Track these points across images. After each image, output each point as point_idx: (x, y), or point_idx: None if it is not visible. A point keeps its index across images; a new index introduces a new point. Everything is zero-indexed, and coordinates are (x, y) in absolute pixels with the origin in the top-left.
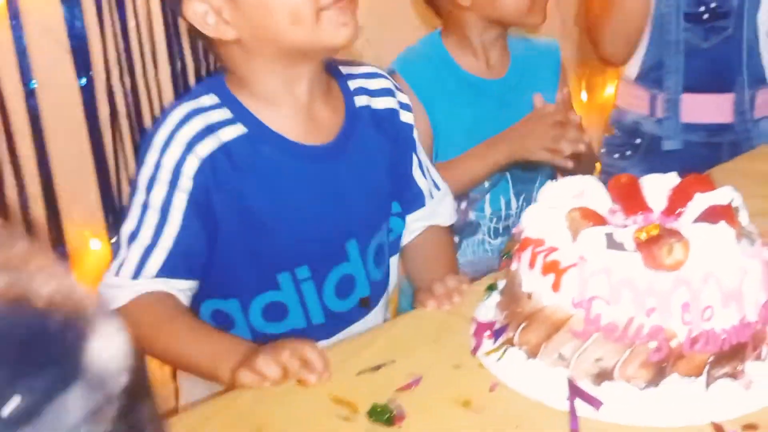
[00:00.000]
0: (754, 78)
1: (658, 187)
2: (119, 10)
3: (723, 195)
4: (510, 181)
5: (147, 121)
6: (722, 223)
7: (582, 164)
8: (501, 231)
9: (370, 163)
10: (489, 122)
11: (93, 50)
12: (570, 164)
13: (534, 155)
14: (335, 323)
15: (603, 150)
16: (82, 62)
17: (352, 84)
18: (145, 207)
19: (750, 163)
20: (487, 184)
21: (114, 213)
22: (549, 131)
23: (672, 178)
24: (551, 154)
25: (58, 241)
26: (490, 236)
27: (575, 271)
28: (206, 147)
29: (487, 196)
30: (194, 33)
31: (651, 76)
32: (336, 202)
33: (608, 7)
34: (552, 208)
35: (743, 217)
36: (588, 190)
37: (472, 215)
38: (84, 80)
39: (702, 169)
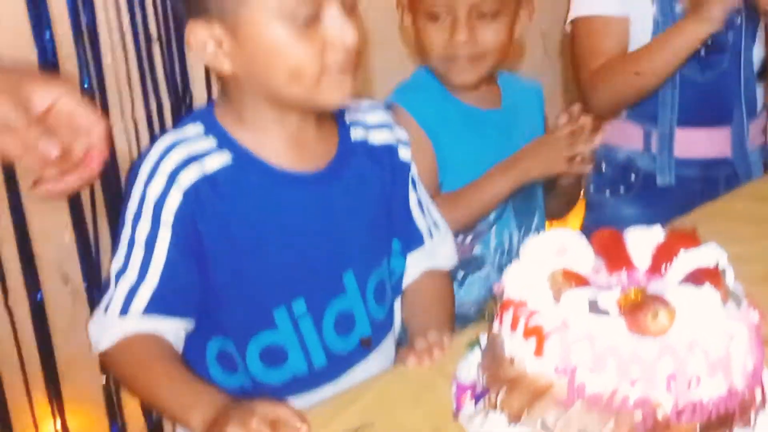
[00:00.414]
0: (750, 110)
1: (642, 242)
2: (93, 46)
3: (708, 255)
4: (513, 213)
5: (121, 158)
6: (707, 286)
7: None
8: (504, 266)
9: (366, 194)
10: (493, 152)
11: None
12: (589, 168)
13: (553, 169)
14: (337, 366)
15: (591, 187)
16: None
17: (348, 117)
18: (131, 243)
19: (732, 203)
20: (492, 217)
21: (88, 255)
22: (565, 142)
23: (656, 233)
24: (570, 164)
25: (32, 284)
26: (495, 270)
27: (558, 337)
28: (189, 178)
29: (493, 229)
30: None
31: (645, 112)
32: (329, 230)
33: (618, 71)
34: (534, 268)
35: (729, 277)
36: (571, 246)
37: (477, 249)
38: None
39: (699, 205)
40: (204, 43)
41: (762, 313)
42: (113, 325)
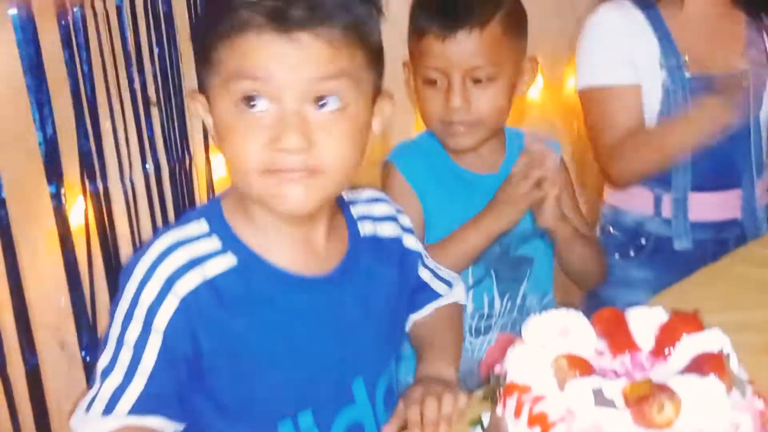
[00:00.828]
0: (759, 171)
1: (644, 322)
2: (91, 114)
3: (712, 340)
4: (494, 280)
5: (119, 227)
6: (712, 377)
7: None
8: (482, 330)
9: (375, 293)
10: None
11: (64, 156)
12: (554, 192)
13: (516, 209)
14: None
15: None
16: (53, 169)
17: (356, 211)
18: (119, 342)
19: (731, 267)
20: (471, 281)
21: (85, 320)
22: (518, 178)
23: (659, 313)
24: (528, 198)
25: (27, 348)
26: (471, 335)
27: (563, 427)
28: (188, 284)
29: (470, 293)
30: None
31: (655, 176)
32: (340, 336)
33: (642, 142)
34: (537, 351)
35: (733, 363)
36: (573, 327)
37: None
38: (54, 188)
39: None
40: (203, 114)
41: (766, 399)
42: (96, 423)
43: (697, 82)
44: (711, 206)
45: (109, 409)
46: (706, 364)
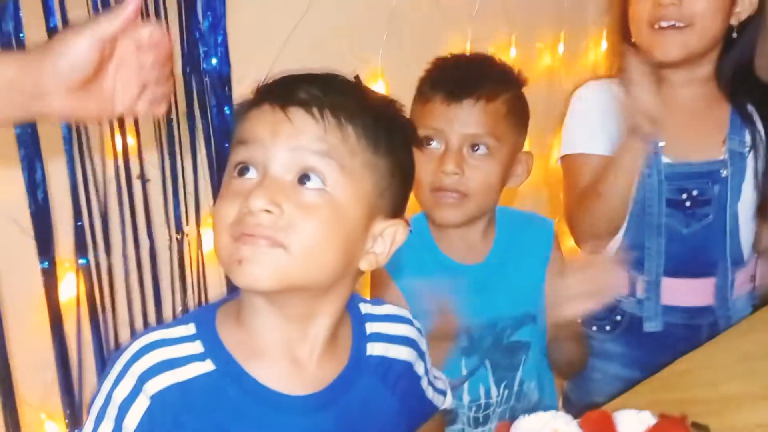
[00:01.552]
0: (734, 261)
1: (632, 427)
2: (85, 185)
3: None
4: (489, 369)
5: (107, 302)
6: None
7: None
8: (481, 420)
9: (368, 421)
10: (465, 307)
11: (57, 231)
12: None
13: None
14: None
15: (578, 319)
16: (44, 245)
17: (370, 327)
18: None
19: (712, 354)
20: (465, 372)
21: (71, 396)
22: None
23: (647, 418)
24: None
25: (12, 424)
26: (470, 426)
27: None
28: (159, 384)
29: (466, 385)
30: None
31: (632, 261)
32: None
33: (585, 205)
34: None
35: None
36: (561, 429)
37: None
38: (46, 263)
39: (681, 348)
40: None
41: None
42: None
43: (674, 168)
44: (683, 292)
45: None
46: None
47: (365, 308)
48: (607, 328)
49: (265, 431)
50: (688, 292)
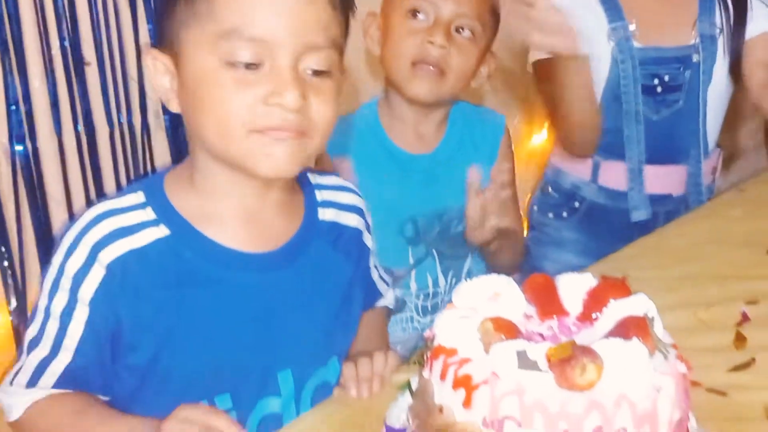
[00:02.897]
0: (706, 148)
1: (574, 288)
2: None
3: (637, 305)
4: (437, 258)
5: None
6: (635, 341)
7: (510, 239)
8: (429, 308)
9: (322, 282)
10: (413, 198)
11: None
12: (490, 238)
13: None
14: None
15: (535, 207)
16: None
17: (320, 195)
18: (47, 314)
19: (663, 240)
20: (411, 261)
21: (15, 284)
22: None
23: (588, 279)
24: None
25: None
26: (418, 314)
27: (487, 389)
28: (114, 252)
29: (413, 273)
30: None
31: (602, 144)
32: (269, 323)
33: (558, 119)
34: (465, 315)
35: (658, 327)
36: (503, 292)
37: (398, 292)
38: None
39: (637, 237)
40: (162, 72)
41: (689, 364)
42: (19, 396)
43: (646, 52)
44: (654, 180)
45: (33, 381)
46: (629, 327)
47: (314, 178)
48: (564, 214)
49: (224, 290)
50: (657, 180)
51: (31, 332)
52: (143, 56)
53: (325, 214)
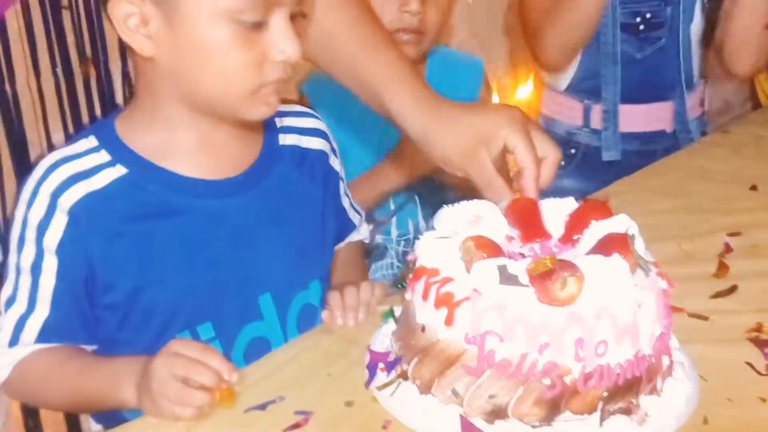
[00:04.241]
0: (689, 84)
1: (556, 211)
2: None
3: (619, 223)
4: (418, 204)
5: (27, 124)
6: (616, 256)
7: None
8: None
9: (290, 204)
10: (394, 140)
11: None
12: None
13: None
14: None
15: None
16: None
17: (280, 121)
18: (18, 270)
19: (650, 178)
20: (393, 207)
21: None
22: None
23: (570, 203)
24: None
25: None
26: (399, 260)
27: (468, 305)
28: (73, 196)
29: (394, 219)
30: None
31: (584, 87)
32: (242, 246)
33: (557, 14)
34: (446, 237)
35: (639, 246)
36: (485, 215)
37: (378, 238)
38: None
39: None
40: (127, 15)
41: (670, 280)
42: (4, 356)
43: None
44: (640, 118)
45: (14, 340)
46: (611, 244)
47: None
48: (562, 163)
49: (189, 219)
50: (644, 118)
51: (5, 291)
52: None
53: (287, 139)
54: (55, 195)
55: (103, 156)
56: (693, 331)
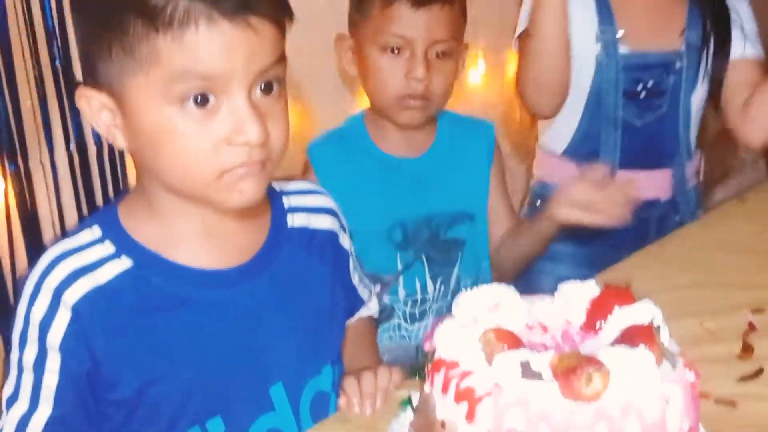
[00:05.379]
0: (689, 152)
1: (576, 297)
2: (11, 92)
3: (643, 312)
4: (426, 264)
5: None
6: (642, 348)
7: None
8: (417, 316)
9: (301, 289)
10: (401, 201)
11: None
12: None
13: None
14: None
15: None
16: None
17: (287, 201)
18: (20, 367)
19: (664, 249)
20: (400, 267)
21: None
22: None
23: (591, 288)
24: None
25: None
26: (406, 321)
27: (490, 401)
28: (77, 292)
29: (401, 280)
30: None
31: (582, 151)
32: (251, 336)
33: (524, 48)
34: (465, 326)
35: (664, 336)
36: (504, 302)
37: (386, 299)
38: None
39: (630, 245)
40: (98, 110)
41: (698, 372)
42: None
43: (632, 58)
44: (639, 184)
45: None
46: (635, 335)
47: (278, 186)
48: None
49: (196, 310)
50: (642, 185)
51: (7, 388)
52: (76, 96)
53: (295, 220)
54: (59, 291)
55: (108, 248)
56: (720, 418)
